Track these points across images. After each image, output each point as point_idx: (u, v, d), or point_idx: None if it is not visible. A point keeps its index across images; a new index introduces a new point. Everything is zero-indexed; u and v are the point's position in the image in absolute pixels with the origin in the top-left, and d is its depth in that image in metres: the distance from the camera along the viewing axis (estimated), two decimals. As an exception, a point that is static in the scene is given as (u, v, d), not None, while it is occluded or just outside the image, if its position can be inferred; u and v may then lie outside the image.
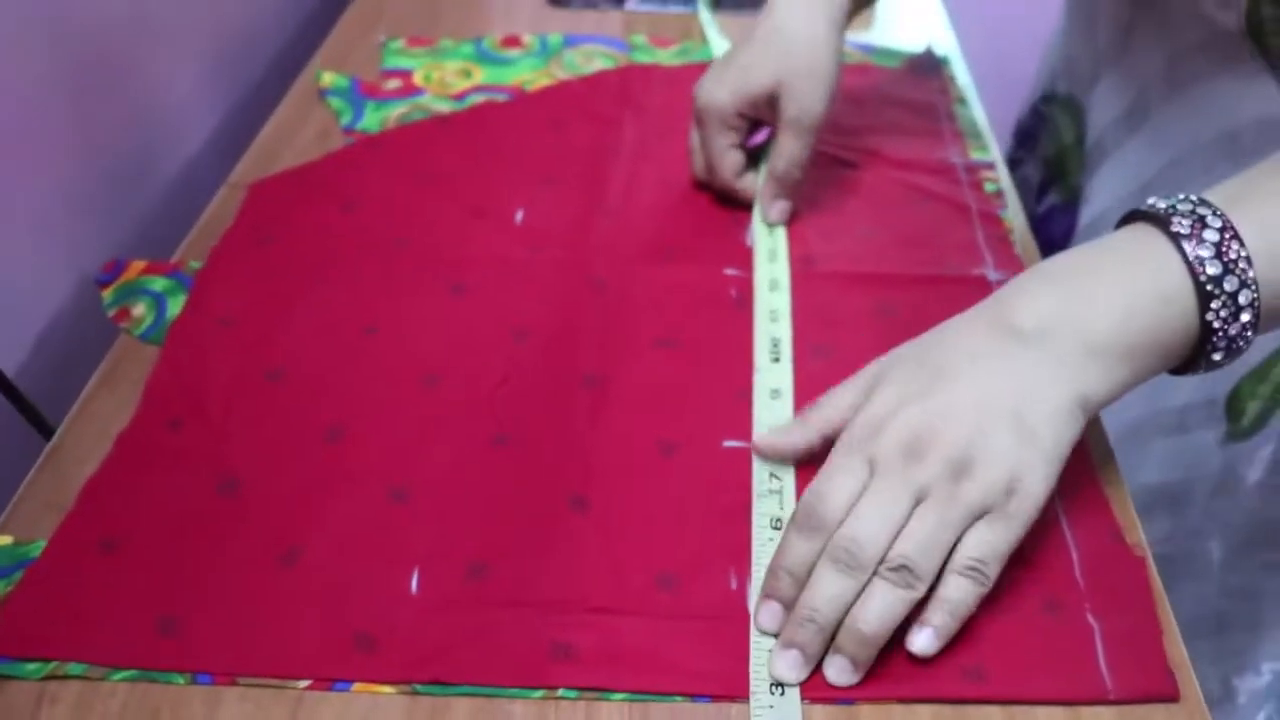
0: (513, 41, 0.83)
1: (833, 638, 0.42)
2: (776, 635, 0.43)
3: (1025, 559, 0.45)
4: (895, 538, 0.42)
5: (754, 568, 0.45)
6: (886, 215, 0.65)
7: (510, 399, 0.52)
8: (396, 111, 0.75)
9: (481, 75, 0.79)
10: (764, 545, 0.46)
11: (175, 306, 0.58)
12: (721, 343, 0.55)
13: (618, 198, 0.64)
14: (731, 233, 0.63)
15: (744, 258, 0.61)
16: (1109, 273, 0.45)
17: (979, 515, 0.42)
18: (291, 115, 0.75)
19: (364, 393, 0.53)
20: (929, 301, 0.54)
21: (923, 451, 0.43)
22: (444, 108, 0.75)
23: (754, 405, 0.52)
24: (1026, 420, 0.43)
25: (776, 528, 0.47)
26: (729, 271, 0.60)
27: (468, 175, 0.67)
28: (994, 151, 0.72)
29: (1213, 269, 0.44)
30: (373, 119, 0.74)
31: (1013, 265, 0.61)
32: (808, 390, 0.53)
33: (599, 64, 0.81)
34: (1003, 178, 0.70)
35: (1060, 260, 0.47)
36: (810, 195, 0.66)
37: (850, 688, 0.42)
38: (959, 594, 0.42)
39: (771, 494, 0.48)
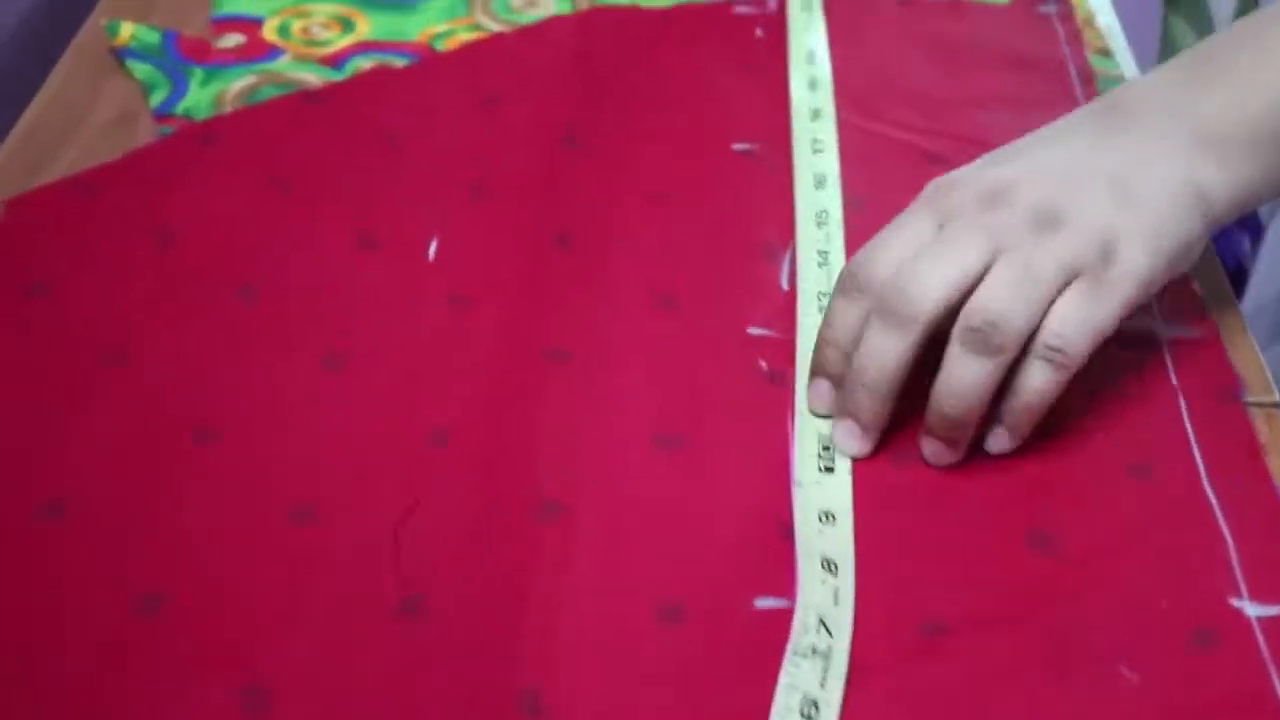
0: (417, -25, 0.77)
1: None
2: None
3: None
4: (955, 292, 0.42)
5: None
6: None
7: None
8: (239, 84, 0.65)
9: (369, 28, 0.70)
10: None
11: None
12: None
13: (580, 225, 0.58)
14: (760, 270, 0.55)
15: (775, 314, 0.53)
16: (1245, 51, 0.46)
17: (1069, 277, 0.42)
18: (72, 90, 0.65)
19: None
20: None
21: (1002, 200, 0.44)
22: (312, 77, 0.66)
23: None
24: (1128, 186, 0.44)
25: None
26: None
27: (351, 184, 0.60)
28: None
29: None
30: (202, 96, 0.64)
31: None
32: None
33: (550, 7, 0.72)
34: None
35: (1199, 44, 0.49)
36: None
37: None
38: (1036, 380, 0.42)
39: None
